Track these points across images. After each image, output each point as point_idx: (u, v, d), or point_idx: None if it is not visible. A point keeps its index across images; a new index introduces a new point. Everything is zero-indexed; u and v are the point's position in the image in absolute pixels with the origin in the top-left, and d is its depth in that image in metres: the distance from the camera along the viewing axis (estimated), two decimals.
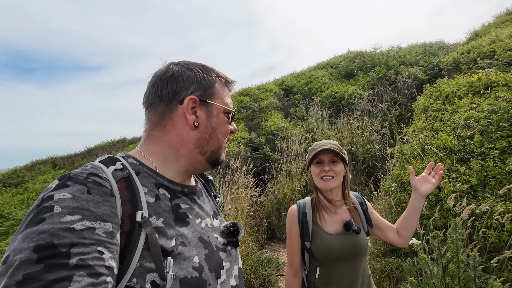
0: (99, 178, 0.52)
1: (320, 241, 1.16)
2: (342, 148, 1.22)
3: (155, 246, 0.52)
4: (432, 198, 2.51)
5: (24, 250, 0.40)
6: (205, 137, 0.68)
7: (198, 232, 0.65)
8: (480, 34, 6.65)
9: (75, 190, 0.47)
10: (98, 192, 0.50)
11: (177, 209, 0.63)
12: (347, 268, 1.15)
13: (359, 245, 1.15)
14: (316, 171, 1.20)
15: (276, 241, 4.16)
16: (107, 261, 0.44)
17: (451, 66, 5.42)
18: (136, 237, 0.52)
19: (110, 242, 0.47)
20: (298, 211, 1.24)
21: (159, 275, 0.51)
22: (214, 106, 0.69)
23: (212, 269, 0.62)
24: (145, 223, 0.53)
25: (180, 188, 0.67)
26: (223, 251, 0.69)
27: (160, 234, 0.55)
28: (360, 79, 7.48)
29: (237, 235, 0.74)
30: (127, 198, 0.54)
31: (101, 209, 0.48)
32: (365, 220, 1.24)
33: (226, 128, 0.72)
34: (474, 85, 3.72)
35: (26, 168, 11.86)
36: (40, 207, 0.45)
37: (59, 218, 0.43)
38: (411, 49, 8.58)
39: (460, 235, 1.65)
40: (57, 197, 0.46)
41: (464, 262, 1.64)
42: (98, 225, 0.46)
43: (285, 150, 5.24)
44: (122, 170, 0.58)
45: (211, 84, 0.69)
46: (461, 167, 2.55)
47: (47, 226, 0.42)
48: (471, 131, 2.83)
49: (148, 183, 0.61)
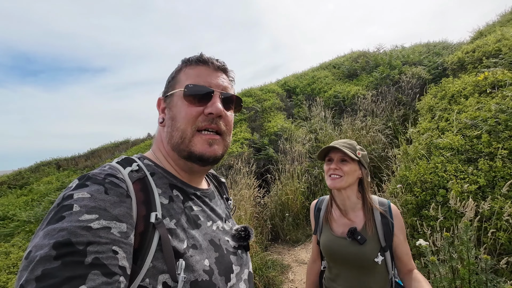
0: (116, 179, 0.53)
1: (324, 238, 1.20)
2: (359, 147, 1.17)
3: (167, 248, 0.52)
4: (440, 199, 2.47)
5: (44, 247, 0.41)
6: (168, 131, 0.65)
7: (209, 235, 0.65)
8: (484, 33, 6.59)
9: (94, 190, 0.49)
10: (115, 193, 0.51)
11: (190, 211, 0.63)
12: (347, 273, 1.13)
13: (360, 256, 1.08)
14: (326, 169, 1.20)
15: (280, 242, 4.12)
16: (121, 260, 0.45)
17: (456, 65, 5.36)
18: (150, 238, 0.52)
19: (124, 242, 0.47)
20: (315, 206, 1.32)
21: (170, 277, 0.51)
22: (174, 94, 0.66)
23: (222, 272, 0.61)
24: (158, 224, 0.54)
25: (193, 190, 0.68)
26: (233, 255, 0.69)
27: (172, 236, 0.55)
28: (363, 79, 7.44)
29: (248, 239, 0.73)
30: (142, 199, 0.55)
31: (117, 209, 0.49)
32: (383, 235, 1.08)
33: (186, 111, 0.62)
34: (481, 84, 3.67)
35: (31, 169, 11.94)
36: (60, 205, 0.46)
37: (78, 216, 0.44)
38: (415, 48, 8.52)
39: (470, 237, 1.62)
40: (76, 196, 0.47)
41: (475, 265, 1.60)
42: (114, 224, 0.47)
43: (288, 151, 5.21)
44: (138, 171, 0.59)
45: (173, 75, 0.69)
46: (468, 168, 2.51)
47: (66, 224, 0.43)
48: (479, 131, 2.79)
49: (163, 184, 0.62)
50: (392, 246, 1.10)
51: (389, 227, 1.10)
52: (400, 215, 1.14)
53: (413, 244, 2.40)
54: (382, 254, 1.08)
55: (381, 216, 1.12)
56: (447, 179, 2.52)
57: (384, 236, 1.09)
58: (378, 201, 1.18)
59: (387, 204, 1.16)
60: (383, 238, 1.09)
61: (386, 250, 1.09)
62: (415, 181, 2.77)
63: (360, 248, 1.08)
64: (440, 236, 1.77)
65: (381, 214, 1.13)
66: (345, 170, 1.14)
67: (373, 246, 1.08)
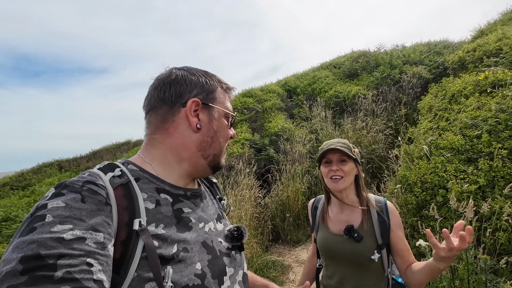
0: (95, 186, 0.51)
1: (321, 236, 1.21)
2: (352, 146, 1.18)
3: (153, 256, 0.50)
4: (440, 199, 2.47)
5: (12, 261, 0.39)
6: (207, 140, 0.68)
7: (202, 237, 0.63)
8: (485, 31, 6.56)
9: (69, 199, 0.47)
10: (93, 201, 0.48)
11: (180, 214, 0.62)
12: (343, 271, 1.14)
13: (357, 254, 1.09)
14: (325, 171, 1.18)
15: (281, 243, 4.13)
16: (96, 274, 0.42)
17: (457, 64, 5.35)
18: (133, 246, 0.50)
19: (101, 254, 0.45)
20: (312, 204, 1.34)
21: (157, 286, 0.49)
22: (216, 109, 0.70)
23: (215, 275, 0.60)
24: (142, 231, 0.52)
25: (182, 191, 0.66)
26: (227, 256, 0.67)
27: (159, 242, 0.54)
28: (364, 79, 7.43)
29: (241, 239, 0.72)
30: (124, 205, 0.53)
31: (94, 218, 0.47)
32: (380, 232, 1.09)
33: (227, 132, 0.73)
34: (481, 83, 3.66)
35: (33, 171, 12.01)
36: (34, 216, 0.44)
37: (50, 227, 0.42)
38: (416, 48, 8.51)
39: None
40: (50, 205, 0.45)
41: (473, 265, 1.60)
42: (89, 235, 0.45)
43: (289, 151, 5.21)
44: (120, 177, 0.57)
45: (213, 89, 0.70)
46: (468, 168, 2.51)
47: (36, 235, 0.41)
48: (479, 131, 2.78)
49: (148, 188, 0.60)
50: (390, 244, 1.11)
51: (386, 224, 1.11)
52: (397, 212, 1.15)
53: (413, 245, 2.40)
54: (379, 252, 1.09)
55: (378, 213, 1.13)
56: (447, 179, 2.52)
57: (381, 233, 1.09)
58: (375, 199, 1.19)
59: (383, 201, 1.17)
60: (379, 236, 1.09)
61: (382, 247, 1.09)
62: (415, 181, 2.77)
63: (357, 245, 1.09)
64: (439, 236, 1.77)
65: (378, 212, 1.13)
66: (346, 170, 1.14)
67: (369, 244, 1.09)
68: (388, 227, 1.10)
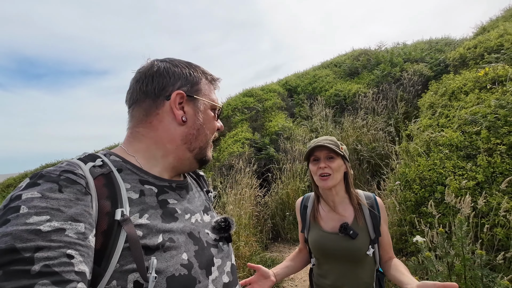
0: (73, 175, 0.49)
1: (314, 236, 1.19)
2: (340, 143, 1.19)
3: (136, 246, 0.49)
4: (438, 196, 2.46)
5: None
6: (193, 133, 0.67)
7: (188, 228, 0.62)
8: (488, 28, 6.51)
9: (45, 189, 0.44)
10: (71, 190, 0.46)
11: (165, 204, 0.61)
12: (338, 268, 1.14)
13: (353, 250, 1.10)
14: (314, 168, 1.18)
15: (281, 241, 4.13)
16: (77, 265, 0.41)
17: (458, 61, 5.31)
18: (115, 236, 0.48)
19: (82, 245, 0.43)
20: (301, 203, 1.31)
21: (141, 276, 0.48)
22: (201, 101, 0.69)
23: (202, 266, 0.60)
24: (125, 222, 0.50)
25: (167, 183, 0.65)
26: (214, 247, 0.67)
27: (144, 231, 0.52)
28: (364, 77, 7.40)
29: (229, 230, 0.71)
30: (106, 194, 0.52)
31: (73, 208, 0.45)
32: (373, 227, 1.13)
33: (213, 124, 0.72)
34: (481, 80, 3.64)
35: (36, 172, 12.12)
36: (6, 208, 0.42)
37: (25, 219, 0.40)
38: (417, 45, 8.45)
39: (466, 232, 1.61)
40: (25, 196, 0.42)
41: (470, 260, 1.59)
42: (69, 226, 0.43)
43: (289, 150, 5.21)
44: (102, 167, 0.55)
45: (197, 80, 0.69)
46: (467, 164, 2.49)
47: (10, 228, 0.39)
48: (478, 127, 2.77)
49: (132, 179, 0.58)
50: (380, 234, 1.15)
51: (377, 218, 1.14)
52: (384, 207, 1.19)
53: (411, 241, 2.40)
54: (373, 246, 1.12)
55: (369, 209, 1.16)
56: (445, 176, 2.51)
57: (374, 228, 1.13)
58: (364, 195, 1.21)
59: (372, 197, 1.20)
60: (372, 230, 1.13)
61: (375, 242, 1.13)
62: (414, 178, 2.76)
63: (353, 242, 1.09)
64: (436, 233, 1.77)
65: (369, 207, 1.16)
66: (334, 167, 1.14)
67: (364, 239, 1.11)
68: (379, 221, 1.14)
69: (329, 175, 1.14)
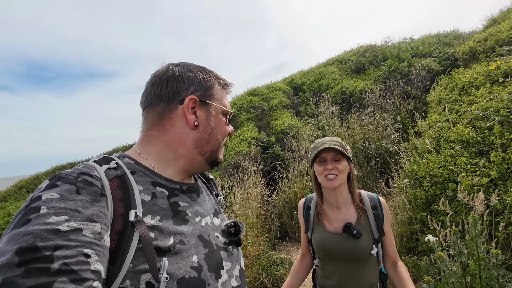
0: (90, 177, 0.51)
1: (318, 236, 1.19)
2: (345, 144, 1.19)
3: (148, 247, 0.50)
4: (450, 193, 2.40)
5: (7, 253, 0.38)
6: (204, 137, 0.68)
7: (198, 231, 0.63)
8: (498, 20, 6.33)
9: (64, 190, 0.46)
10: (88, 192, 0.48)
11: (176, 207, 0.62)
12: (343, 268, 1.13)
13: (357, 250, 1.10)
14: (320, 169, 1.18)
15: (289, 240, 4.11)
16: (93, 264, 0.42)
17: (467, 55, 5.18)
18: (128, 237, 0.50)
19: (98, 244, 0.45)
20: (304, 204, 1.30)
21: (153, 277, 0.49)
22: (214, 106, 0.69)
23: (211, 268, 0.60)
24: (138, 223, 0.51)
25: (178, 185, 0.66)
26: (224, 251, 0.67)
27: (156, 233, 0.54)
28: (371, 74, 7.30)
29: (238, 234, 0.72)
30: (120, 196, 0.53)
31: (90, 209, 0.47)
32: (376, 227, 1.14)
33: (224, 128, 0.73)
34: (493, 73, 3.54)
35: (47, 174, 12.34)
36: (28, 208, 0.44)
37: (45, 219, 0.42)
38: (424, 40, 8.28)
39: (480, 231, 1.56)
40: (45, 197, 0.45)
41: (485, 260, 1.55)
42: (85, 226, 0.44)
43: (295, 149, 5.18)
44: (116, 169, 0.57)
45: (210, 86, 0.70)
46: (480, 160, 2.42)
47: (32, 227, 0.41)
48: (490, 122, 2.69)
49: (144, 181, 0.60)
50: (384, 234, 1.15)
51: (381, 218, 1.15)
52: (388, 207, 1.19)
53: (422, 240, 2.35)
54: (376, 246, 1.13)
55: (372, 208, 1.17)
56: (457, 173, 2.45)
57: (377, 227, 1.14)
58: (367, 195, 1.22)
59: (375, 196, 1.21)
60: (376, 230, 1.14)
61: (378, 241, 1.14)
62: (424, 176, 2.70)
63: (357, 242, 1.10)
64: (449, 232, 1.72)
65: (372, 207, 1.17)
66: (340, 168, 1.14)
67: (367, 239, 1.12)
68: (382, 221, 1.15)
69: (336, 176, 1.15)
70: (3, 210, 7.39)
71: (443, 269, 1.69)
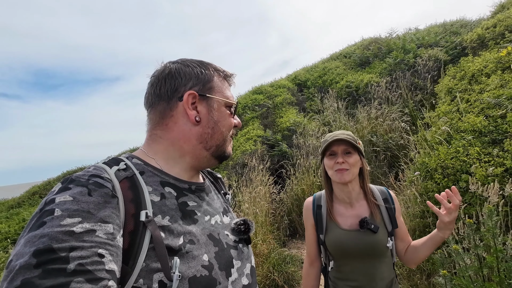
0: (101, 179, 0.52)
1: (333, 236, 1.13)
2: (356, 138, 1.15)
3: (160, 246, 0.51)
4: (463, 185, 2.34)
5: (25, 255, 0.39)
6: (208, 132, 0.68)
7: (208, 230, 0.63)
8: (507, 5, 6.13)
9: (76, 192, 0.47)
10: (99, 194, 0.49)
11: (184, 207, 0.62)
12: (361, 266, 1.10)
13: (375, 245, 1.07)
14: (330, 163, 1.14)
15: (298, 237, 4.09)
16: (108, 264, 0.43)
17: (476, 43, 5.05)
18: (140, 237, 0.51)
19: (111, 244, 0.46)
20: (313, 203, 1.24)
21: (165, 275, 0.49)
22: (215, 99, 0.69)
23: (222, 267, 0.60)
24: (149, 223, 0.52)
25: (187, 185, 0.66)
26: (234, 249, 0.67)
27: (166, 233, 0.54)
28: (376, 67, 7.19)
29: (248, 232, 0.72)
30: (131, 197, 0.54)
31: (102, 210, 0.48)
32: (389, 219, 1.12)
33: (229, 121, 0.72)
34: (503, 60, 3.43)
35: (58, 179, 12.60)
36: (42, 211, 0.45)
37: (59, 221, 0.43)
38: (430, 30, 8.10)
39: (495, 222, 1.51)
40: (58, 200, 0.46)
41: (503, 252, 1.50)
42: (98, 227, 0.45)
43: (302, 146, 5.14)
44: (125, 170, 0.58)
45: (209, 78, 0.69)
46: (493, 150, 2.36)
47: (47, 229, 0.42)
48: (503, 110, 2.61)
49: (153, 182, 0.60)
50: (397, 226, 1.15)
51: (392, 210, 1.14)
52: (396, 198, 1.20)
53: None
54: (391, 238, 1.12)
55: (384, 202, 1.15)
56: (470, 164, 2.39)
57: (390, 219, 1.13)
58: (377, 189, 1.20)
59: (385, 190, 1.21)
60: (389, 223, 1.13)
61: (392, 234, 1.13)
62: (436, 168, 2.64)
63: (375, 236, 1.08)
64: (463, 223, 1.67)
65: (384, 200, 1.16)
66: (351, 162, 1.11)
67: (383, 232, 1.10)
68: (394, 212, 1.14)
69: (347, 169, 1.11)
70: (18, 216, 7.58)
71: (459, 263, 1.64)
